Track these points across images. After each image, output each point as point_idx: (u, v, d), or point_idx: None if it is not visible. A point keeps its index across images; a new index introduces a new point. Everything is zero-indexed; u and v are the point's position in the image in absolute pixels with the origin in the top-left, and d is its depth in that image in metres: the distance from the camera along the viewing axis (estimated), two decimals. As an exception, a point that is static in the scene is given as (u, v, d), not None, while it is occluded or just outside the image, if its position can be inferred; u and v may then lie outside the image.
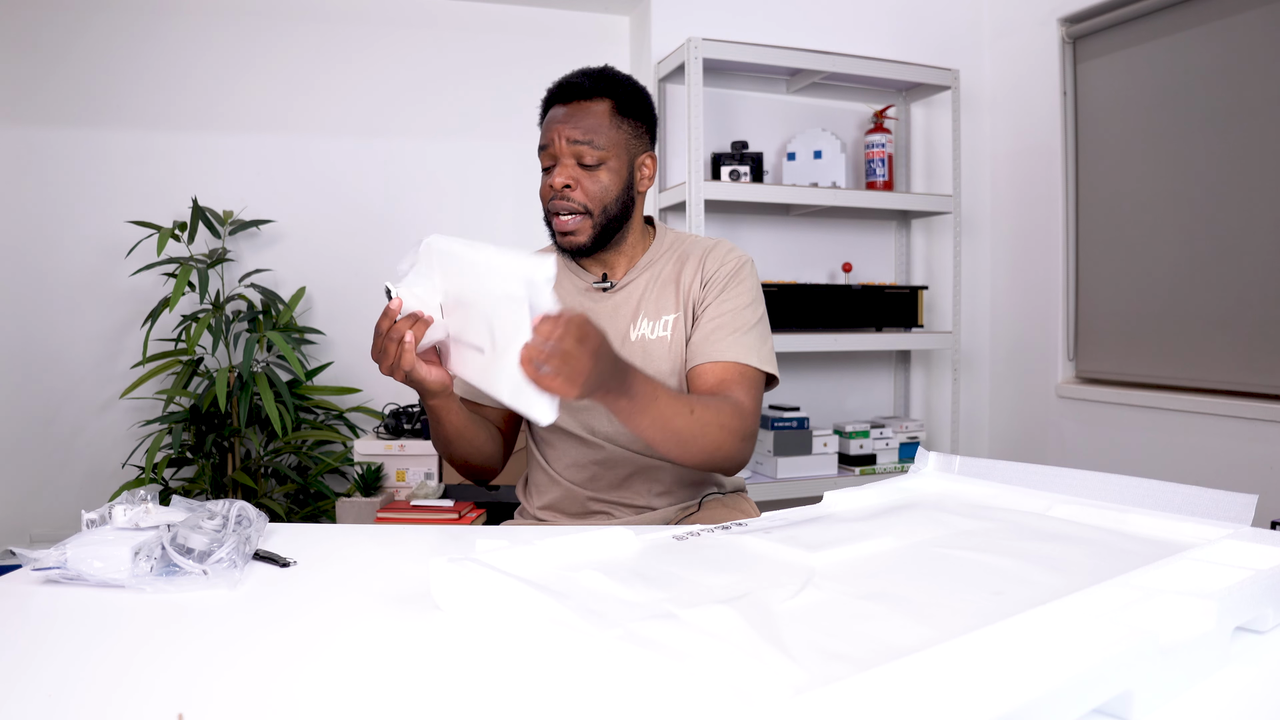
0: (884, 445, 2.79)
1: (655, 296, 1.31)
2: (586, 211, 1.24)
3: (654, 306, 1.30)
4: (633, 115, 1.27)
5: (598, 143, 1.23)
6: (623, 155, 1.26)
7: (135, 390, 2.57)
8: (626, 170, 1.26)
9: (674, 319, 1.29)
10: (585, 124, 1.23)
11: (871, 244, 3.05)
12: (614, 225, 1.27)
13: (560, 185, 1.23)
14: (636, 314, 1.30)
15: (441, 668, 0.64)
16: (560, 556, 0.79)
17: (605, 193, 1.24)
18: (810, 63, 2.64)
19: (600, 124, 1.24)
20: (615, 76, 1.28)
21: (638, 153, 1.28)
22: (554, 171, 1.24)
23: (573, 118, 1.23)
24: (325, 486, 2.57)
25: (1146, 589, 0.63)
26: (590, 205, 1.24)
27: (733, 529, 0.88)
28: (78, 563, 0.83)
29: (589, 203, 1.24)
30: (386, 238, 2.82)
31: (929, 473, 1.10)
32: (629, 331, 1.29)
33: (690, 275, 1.30)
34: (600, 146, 1.23)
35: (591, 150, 1.22)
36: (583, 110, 1.24)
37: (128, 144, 2.67)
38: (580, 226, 1.24)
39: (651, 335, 1.28)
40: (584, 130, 1.23)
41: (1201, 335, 2.40)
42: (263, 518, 0.98)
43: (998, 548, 0.80)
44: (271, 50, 2.76)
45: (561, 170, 1.23)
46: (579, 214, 1.24)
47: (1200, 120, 2.38)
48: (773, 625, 0.60)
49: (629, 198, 1.28)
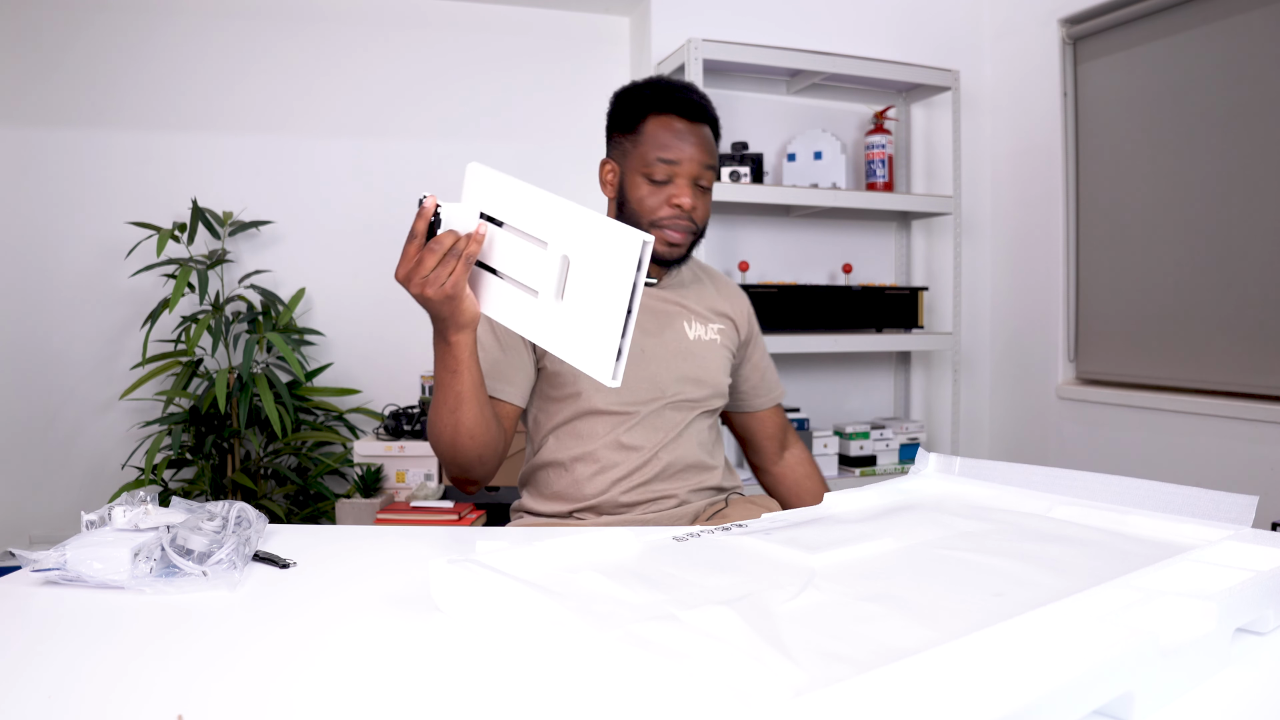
0: (884, 446, 2.79)
1: (700, 306, 1.40)
2: (698, 232, 1.32)
3: (700, 315, 1.39)
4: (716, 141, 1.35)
5: (715, 167, 1.32)
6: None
7: (135, 391, 2.57)
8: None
9: (723, 329, 1.40)
10: (712, 148, 1.31)
11: (872, 245, 3.05)
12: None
13: (689, 207, 1.29)
14: (689, 315, 1.38)
15: (441, 669, 0.64)
16: (560, 558, 0.79)
17: (708, 214, 1.35)
18: (810, 63, 2.64)
19: (715, 150, 1.32)
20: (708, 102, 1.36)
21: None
22: (678, 187, 1.28)
23: (704, 140, 1.30)
24: (325, 488, 2.57)
25: (1147, 590, 0.63)
26: (699, 226, 1.32)
27: (733, 530, 0.88)
28: (77, 564, 0.83)
29: (700, 224, 1.32)
30: (386, 239, 2.82)
31: (929, 474, 1.10)
32: (685, 328, 1.37)
33: (729, 305, 1.44)
34: (714, 170, 1.32)
35: (710, 174, 1.30)
36: (706, 134, 1.31)
37: (128, 144, 2.68)
38: (687, 242, 1.32)
39: (705, 337, 1.38)
40: (711, 155, 1.30)
41: (1202, 336, 2.40)
42: (262, 519, 0.98)
43: (998, 549, 0.80)
44: (271, 51, 2.76)
45: (687, 190, 1.28)
46: (691, 233, 1.31)
47: (1201, 121, 2.38)
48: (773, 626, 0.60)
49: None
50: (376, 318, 2.82)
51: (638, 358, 1.30)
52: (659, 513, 1.29)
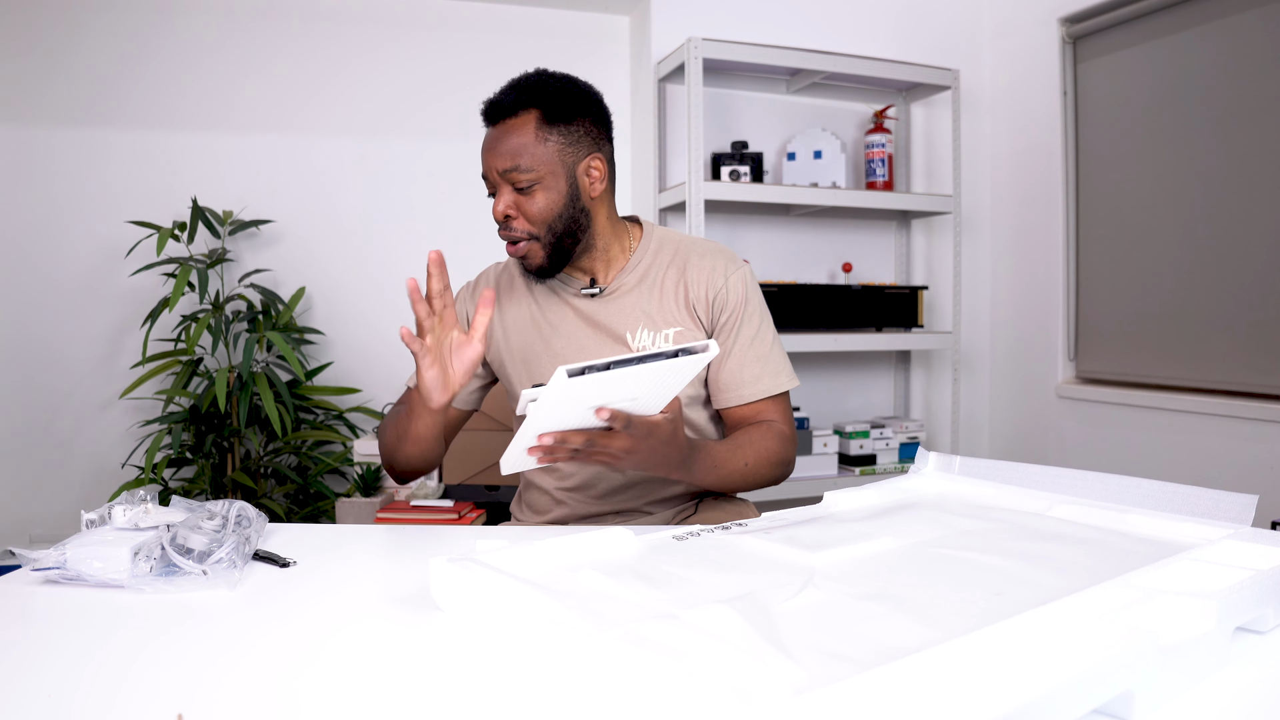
0: (884, 445, 2.79)
1: (656, 306, 1.28)
2: (531, 236, 1.22)
3: (655, 317, 1.27)
4: (564, 120, 1.21)
5: (524, 165, 1.19)
6: (558, 169, 1.21)
7: (135, 390, 2.57)
8: (567, 183, 1.21)
9: (677, 334, 1.27)
10: (510, 147, 1.19)
11: (871, 244, 3.05)
12: (569, 240, 1.24)
13: (501, 216, 1.21)
14: (635, 322, 1.27)
15: (441, 668, 0.64)
16: (560, 557, 0.79)
17: (547, 212, 1.21)
18: (810, 63, 2.64)
19: (525, 143, 1.19)
20: (539, 83, 1.22)
21: (578, 159, 1.22)
22: (497, 198, 1.22)
23: (499, 142, 1.20)
24: (325, 487, 2.57)
25: (1147, 589, 0.63)
26: (534, 229, 1.21)
27: (733, 529, 0.89)
28: (77, 563, 0.83)
29: (533, 227, 1.21)
30: (386, 239, 2.82)
31: (929, 473, 1.10)
32: (629, 339, 1.26)
33: (696, 291, 1.28)
34: (528, 169, 1.19)
35: (520, 174, 1.19)
36: (508, 131, 1.20)
37: (128, 144, 2.67)
38: (530, 250, 1.22)
39: (653, 346, 1.26)
40: (509, 155, 1.19)
41: (1202, 335, 2.40)
42: (262, 518, 0.98)
43: (998, 548, 0.80)
44: (272, 50, 2.76)
45: (500, 199, 1.21)
46: (526, 239, 1.22)
47: (1201, 120, 2.38)
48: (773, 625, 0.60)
49: (577, 209, 1.23)
50: (376, 317, 2.82)
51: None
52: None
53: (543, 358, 1.29)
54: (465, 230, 2.82)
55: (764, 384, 1.28)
